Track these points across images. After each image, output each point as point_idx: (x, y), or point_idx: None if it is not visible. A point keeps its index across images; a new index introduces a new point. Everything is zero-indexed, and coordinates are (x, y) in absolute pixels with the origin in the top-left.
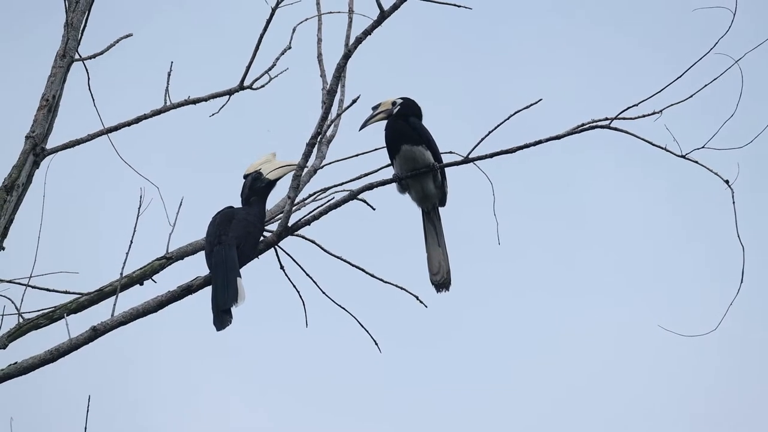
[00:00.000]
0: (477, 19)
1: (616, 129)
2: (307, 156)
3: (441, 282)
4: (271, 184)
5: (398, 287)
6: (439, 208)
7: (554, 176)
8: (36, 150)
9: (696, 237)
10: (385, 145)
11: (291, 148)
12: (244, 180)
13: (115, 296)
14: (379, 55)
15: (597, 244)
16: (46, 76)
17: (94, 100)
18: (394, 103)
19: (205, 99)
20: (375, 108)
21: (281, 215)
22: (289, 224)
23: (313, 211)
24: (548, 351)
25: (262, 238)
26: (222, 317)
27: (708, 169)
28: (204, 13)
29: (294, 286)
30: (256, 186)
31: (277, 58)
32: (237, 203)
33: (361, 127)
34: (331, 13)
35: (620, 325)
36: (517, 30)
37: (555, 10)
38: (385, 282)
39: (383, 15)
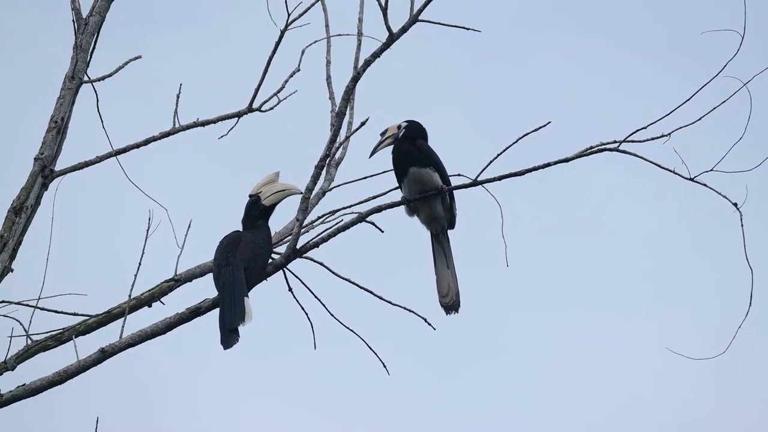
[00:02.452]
0: (486, 41)
1: (624, 152)
2: (315, 178)
3: (450, 304)
4: (268, 209)
5: (407, 309)
6: (448, 231)
7: (563, 197)
8: (44, 172)
9: (705, 259)
10: (393, 168)
11: (300, 171)
12: (249, 198)
13: (123, 318)
14: (388, 76)
15: (606, 266)
16: (55, 97)
17: (102, 121)
18: (399, 127)
19: (214, 121)
20: (383, 134)
21: (290, 237)
22: (298, 246)
23: (321, 233)
24: (557, 372)
25: (270, 260)
26: (229, 336)
27: (716, 192)
28: (213, 35)
29: (302, 309)
30: (253, 212)
31: (286, 81)
32: None
33: (371, 155)
34: (340, 35)
35: (630, 347)
36: (525, 52)
37: (564, 33)
38: (394, 304)
39: (392, 38)
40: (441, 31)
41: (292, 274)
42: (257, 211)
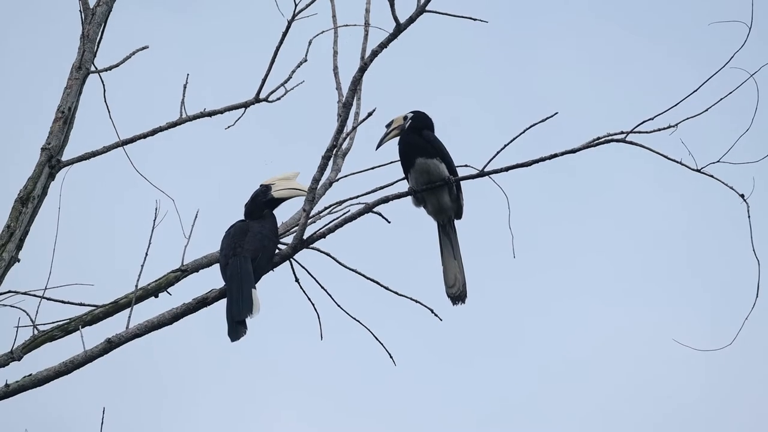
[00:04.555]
0: (494, 31)
1: (631, 143)
2: (322, 169)
3: (457, 294)
4: (275, 201)
5: (413, 300)
6: (455, 221)
7: (571, 187)
8: (51, 162)
9: (711, 251)
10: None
11: (306, 161)
12: (259, 187)
13: (130, 308)
14: (395, 67)
15: (612, 257)
16: (62, 87)
17: (109, 112)
18: (405, 118)
19: (221, 111)
20: (388, 125)
21: (296, 228)
22: (305, 237)
23: (328, 223)
24: (563, 363)
25: (277, 250)
26: (237, 328)
27: (723, 183)
28: (220, 26)
29: (309, 299)
30: (259, 200)
31: (293, 71)
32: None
33: (378, 147)
34: (347, 26)
35: (636, 339)
36: (533, 42)
37: (572, 23)
38: (400, 295)
39: (399, 28)
40: (448, 21)
41: (299, 264)
42: (264, 199)
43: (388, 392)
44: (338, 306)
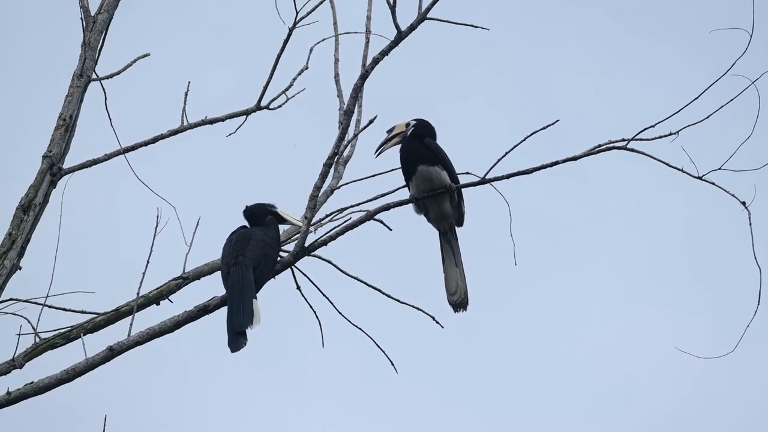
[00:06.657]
0: (496, 38)
1: (632, 150)
2: (323, 176)
3: (458, 302)
4: (278, 216)
5: (415, 308)
6: (456, 228)
7: (572, 194)
8: (53, 169)
9: (713, 258)
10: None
11: (308, 168)
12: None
13: (131, 316)
14: (397, 74)
15: (613, 264)
16: (64, 95)
17: (111, 119)
18: (407, 125)
19: (222, 119)
20: (389, 131)
21: (298, 235)
22: (306, 245)
23: (329, 231)
24: (564, 370)
25: (278, 258)
26: (237, 339)
27: (725, 190)
28: (221, 33)
29: (310, 307)
30: (265, 207)
31: (294, 78)
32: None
33: (377, 153)
34: (348, 33)
35: (638, 345)
36: (535, 48)
37: (573, 30)
38: (402, 302)
39: (400, 36)
40: (451, 27)
41: (301, 272)
42: (270, 209)
43: (389, 400)
44: (340, 314)
